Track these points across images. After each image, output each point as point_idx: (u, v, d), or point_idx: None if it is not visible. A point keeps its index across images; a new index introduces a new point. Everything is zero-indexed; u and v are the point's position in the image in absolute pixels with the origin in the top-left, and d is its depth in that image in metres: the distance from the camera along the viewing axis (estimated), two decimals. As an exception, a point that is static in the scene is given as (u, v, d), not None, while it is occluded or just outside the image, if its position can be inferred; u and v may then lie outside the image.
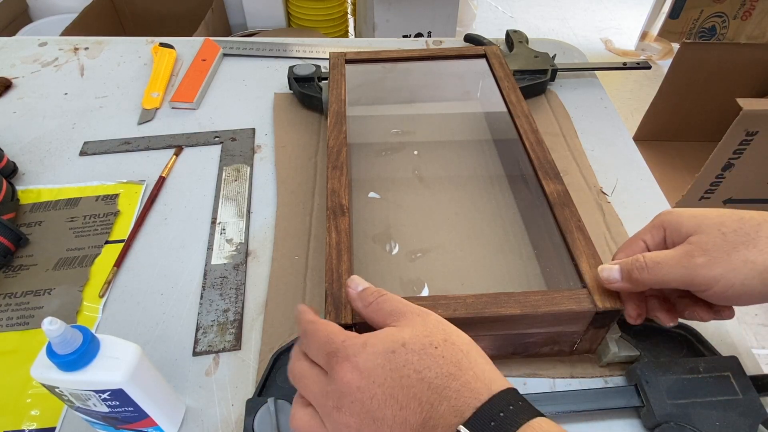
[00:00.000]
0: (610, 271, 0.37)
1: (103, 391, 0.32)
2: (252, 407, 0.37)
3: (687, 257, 0.34)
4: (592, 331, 0.40)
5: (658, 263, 0.34)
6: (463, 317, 0.36)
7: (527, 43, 0.76)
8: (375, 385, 0.27)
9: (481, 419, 0.25)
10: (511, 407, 0.26)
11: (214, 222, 0.55)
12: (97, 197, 0.58)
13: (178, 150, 0.64)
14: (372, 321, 0.32)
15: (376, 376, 0.27)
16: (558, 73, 0.71)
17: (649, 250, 0.38)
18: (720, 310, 0.37)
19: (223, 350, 0.44)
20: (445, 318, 0.36)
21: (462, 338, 0.29)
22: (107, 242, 0.53)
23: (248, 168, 0.61)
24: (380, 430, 0.27)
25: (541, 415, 0.26)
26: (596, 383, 0.42)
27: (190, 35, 1.03)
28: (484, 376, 0.27)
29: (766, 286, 0.32)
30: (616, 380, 0.42)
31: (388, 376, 0.27)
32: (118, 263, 0.51)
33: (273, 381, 0.41)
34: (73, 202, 0.57)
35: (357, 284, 0.33)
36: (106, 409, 0.34)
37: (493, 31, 2.38)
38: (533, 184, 0.49)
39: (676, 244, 0.36)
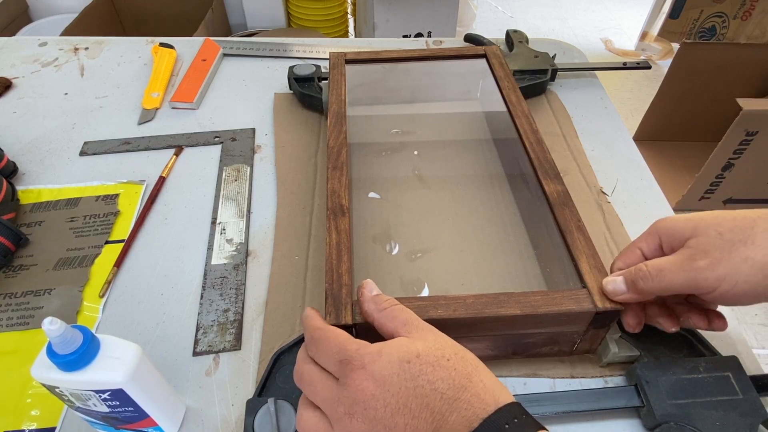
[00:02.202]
0: (615, 283, 0.37)
1: (104, 391, 0.32)
2: (252, 407, 0.37)
3: (689, 261, 0.34)
4: (592, 332, 0.40)
5: (662, 270, 0.35)
6: (463, 317, 0.36)
7: (527, 43, 0.76)
8: (389, 393, 0.27)
9: (488, 430, 0.26)
10: (515, 420, 0.27)
11: (214, 222, 0.55)
12: (97, 197, 0.58)
13: (178, 150, 0.64)
14: (382, 326, 0.32)
15: (391, 384, 0.28)
16: (558, 73, 0.71)
17: (646, 258, 0.38)
18: (713, 319, 0.37)
19: (223, 350, 0.44)
20: (445, 318, 0.36)
21: (470, 354, 0.30)
22: (107, 242, 0.53)
23: (248, 168, 0.61)
24: None
25: (544, 428, 0.27)
26: (596, 383, 0.42)
27: (190, 35, 1.03)
28: (493, 389, 0.28)
29: None
30: (616, 380, 0.42)
31: (403, 386, 0.27)
32: (118, 263, 0.51)
33: (273, 381, 0.41)
34: (73, 202, 0.57)
35: (371, 288, 0.34)
36: (107, 409, 0.34)
37: (493, 31, 2.38)
38: (533, 184, 0.49)
39: (674, 250, 0.36)
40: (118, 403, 0.33)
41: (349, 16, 1.90)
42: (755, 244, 0.33)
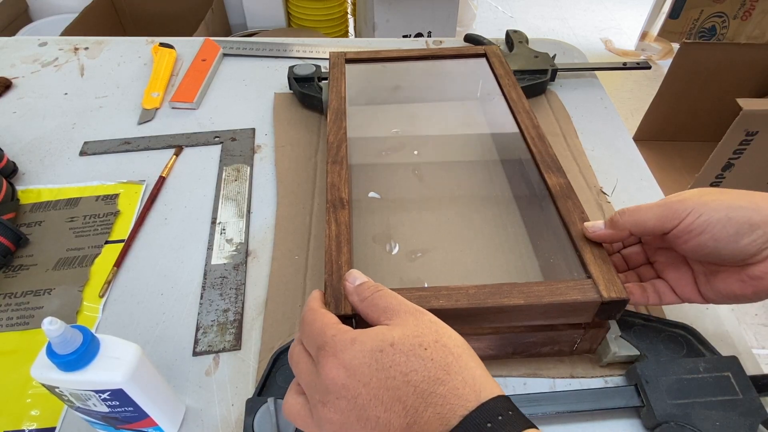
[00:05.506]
0: (594, 222, 0.40)
1: (103, 391, 0.32)
2: (252, 407, 0.37)
3: (663, 199, 0.38)
4: (593, 331, 0.40)
5: (638, 208, 0.38)
6: (465, 308, 0.36)
7: (527, 43, 0.76)
8: (360, 384, 0.26)
9: (468, 429, 0.24)
10: (500, 417, 0.24)
11: (214, 222, 0.55)
12: (97, 197, 0.58)
13: (178, 150, 0.64)
14: (366, 317, 0.31)
15: (362, 375, 0.26)
16: (558, 73, 0.71)
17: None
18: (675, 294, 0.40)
19: (223, 350, 0.44)
20: (447, 308, 0.36)
21: (454, 340, 0.28)
22: (107, 242, 0.53)
23: (248, 168, 0.61)
24: (363, 430, 0.26)
25: (533, 426, 0.25)
26: (596, 383, 0.42)
27: (190, 35, 1.03)
28: (474, 382, 0.26)
29: (731, 221, 0.35)
30: (616, 380, 0.42)
31: (374, 376, 0.26)
32: (118, 263, 0.51)
33: (273, 381, 0.41)
34: (73, 202, 0.57)
35: (355, 278, 0.33)
36: (106, 409, 0.34)
37: (493, 31, 2.38)
38: (533, 181, 0.49)
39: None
40: (117, 403, 0.33)
41: (349, 16, 1.91)
42: (728, 194, 0.36)
